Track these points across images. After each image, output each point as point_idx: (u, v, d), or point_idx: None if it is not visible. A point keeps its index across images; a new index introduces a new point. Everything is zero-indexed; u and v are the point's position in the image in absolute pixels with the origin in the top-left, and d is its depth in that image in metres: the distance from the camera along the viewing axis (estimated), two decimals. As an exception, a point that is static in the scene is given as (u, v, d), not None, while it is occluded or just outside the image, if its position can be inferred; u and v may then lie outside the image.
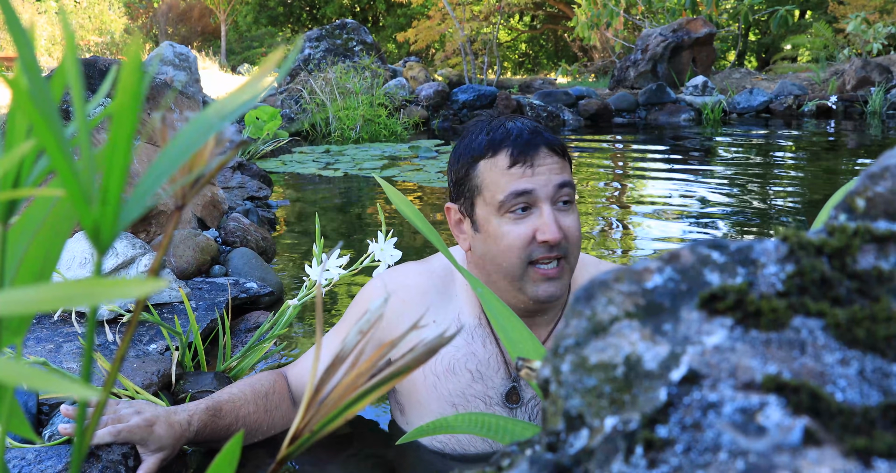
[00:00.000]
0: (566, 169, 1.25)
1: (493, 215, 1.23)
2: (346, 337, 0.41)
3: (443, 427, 0.84)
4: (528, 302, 1.25)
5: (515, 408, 1.29)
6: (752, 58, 19.80)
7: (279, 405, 1.38)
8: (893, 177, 0.42)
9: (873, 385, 0.34)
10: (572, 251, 1.24)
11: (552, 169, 1.22)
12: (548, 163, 1.22)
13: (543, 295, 1.23)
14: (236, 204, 3.29)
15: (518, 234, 1.21)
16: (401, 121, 7.40)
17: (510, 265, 1.22)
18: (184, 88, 5.90)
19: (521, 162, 1.20)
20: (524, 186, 1.20)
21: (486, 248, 1.25)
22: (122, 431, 1.17)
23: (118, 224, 0.31)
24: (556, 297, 1.24)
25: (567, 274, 1.25)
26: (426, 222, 0.95)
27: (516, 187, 1.20)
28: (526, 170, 1.20)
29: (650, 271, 0.41)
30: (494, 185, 1.22)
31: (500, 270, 1.24)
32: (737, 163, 5.49)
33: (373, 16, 23.71)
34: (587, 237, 3.21)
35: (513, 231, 1.21)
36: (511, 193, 1.20)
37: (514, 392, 1.30)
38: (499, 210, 1.22)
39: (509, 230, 1.21)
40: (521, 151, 1.21)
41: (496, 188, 1.22)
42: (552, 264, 1.22)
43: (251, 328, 2.00)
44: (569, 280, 1.26)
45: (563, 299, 1.30)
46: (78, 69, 0.31)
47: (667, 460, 0.33)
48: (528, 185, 1.20)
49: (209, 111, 0.34)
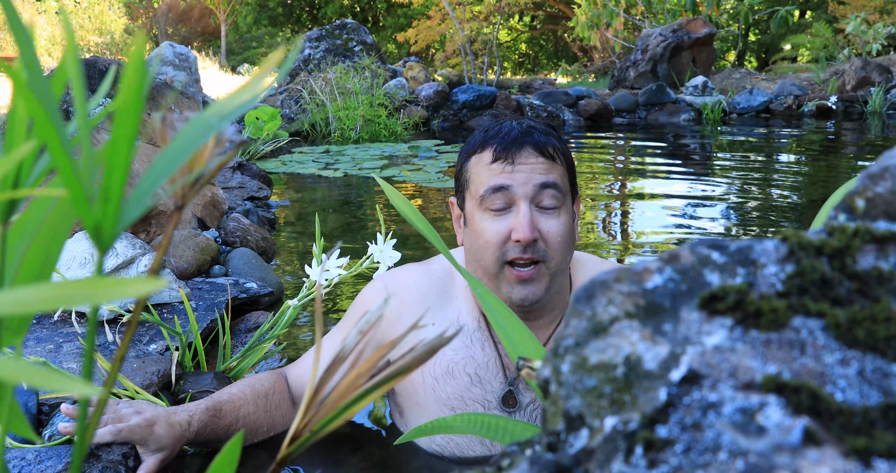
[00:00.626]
0: (554, 171, 1.23)
1: (477, 210, 1.24)
2: (345, 338, 0.41)
3: (441, 427, 0.84)
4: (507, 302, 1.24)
5: (513, 412, 1.29)
6: (752, 58, 19.81)
7: (279, 405, 1.38)
8: (893, 177, 0.42)
9: (873, 386, 0.34)
10: (553, 256, 1.22)
11: (535, 169, 1.22)
12: (531, 162, 1.22)
13: (517, 298, 1.22)
14: (236, 204, 3.29)
15: (495, 230, 1.21)
16: (401, 121, 7.40)
17: (487, 263, 1.23)
18: (184, 89, 5.91)
19: (503, 158, 1.22)
20: (501, 181, 1.21)
21: (470, 243, 1.27)
22: (123, 430, 1.17)
23: (119, 224, 0.31)
24: (531, 301, 1.23)
25: (545, 278, 1.23)
26: (426, 223, 0.95)
27: (494, 183, 1.21)
28: (506, 166, 1.21)
29: (650, 272, 0.41)
30: (478, 179, 1.24)
31: (481, 267, 1.25)
32: (737, 163, 5.49)
33: (373, 16, 23.72)
34: (586, 238, 3.21)
35: (490, 227, 1.22)
36: (489, 187, 1.21)
37: (510, 396, 1.29)
38: (480, 205, 1.23)
39: (487, 226, 1.22)
40: (504, 147, 1.22)
41: (479, 182, 1.24)
42: (529, 267, 1.21)
43: (251, 329, 2.00)
44: (549, 285, 1.24)
45: (554, 301, 1.30)
46: (79, 67, 0.31)
47: (667, 460, 0.33)
48: (505, 181, 1.21)
49: (209, 112, 0.34)
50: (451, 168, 5.07)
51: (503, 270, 1.22)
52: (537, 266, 1.22)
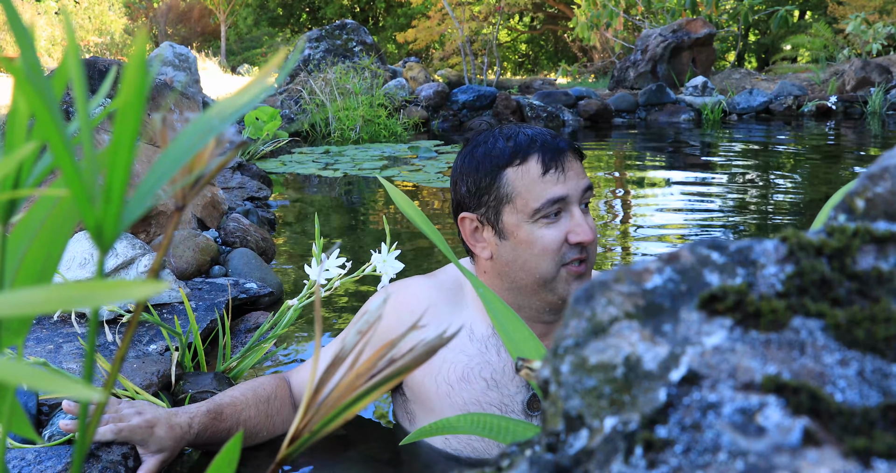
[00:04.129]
0: (585, 173, 1.29)
1: (525, 222, 1.24)
2: (345, 337, 0.41)
3: (446, 427, 0.85)
4: (558, 303, 1.28)
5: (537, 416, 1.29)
6: (752, 58, 19.81)
7: (280, 410, 1.38)
8: (893, 177, 0.42)
9: (873, 386, 0.34)
10: (593, 251, 1.28)
11: (578, 173, 1.25)
12: (575, 168, 1.25)
13: None
14: (236, 205, 3.29)
15: (553, 238, 1.23)
16: (400, 121, 7.40)
17: (545, 269, 1.24)
18: (183, 89, 5.90)
19: (554, 168, 1.22)
20: (560, 192, 1.22)
21: (515, 254, 1.26)
22: (124, 430, 1.18)
23: (121, 223, 0.31)
24: None
25: (590, 273, 1.29)
26: (430, 224, 0.95)
27: (553, 194, 1.22)
28: (559, 176, 1.23)
29: (650, 272, 0.41)
30: (528, 192, 1.22)
31: (533, 274, 1.25)
32: (736, 163, 5.49)
33: (373, 16, 23.71)
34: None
35: (547, 235, 1.23)
36: (548, 200, 1.22)
37: (535, 400, 1.30)
38: (532, 216, 1.23)
39: (543, 235, 1.23)
40: (551, 157, 1.23)
41: (530, 196, 1.22)
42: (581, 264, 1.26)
43: (251, 329, 2.00)
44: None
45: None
46: (80, 65, 0.31)
47: (666, 460, 0.33)
48: (563, 191, 1.22)
49: (209, 113, 0.34)
50: (451, 169, 5.06)
51: (560, 272, 1.25)
52: (585, 263, 1.27)
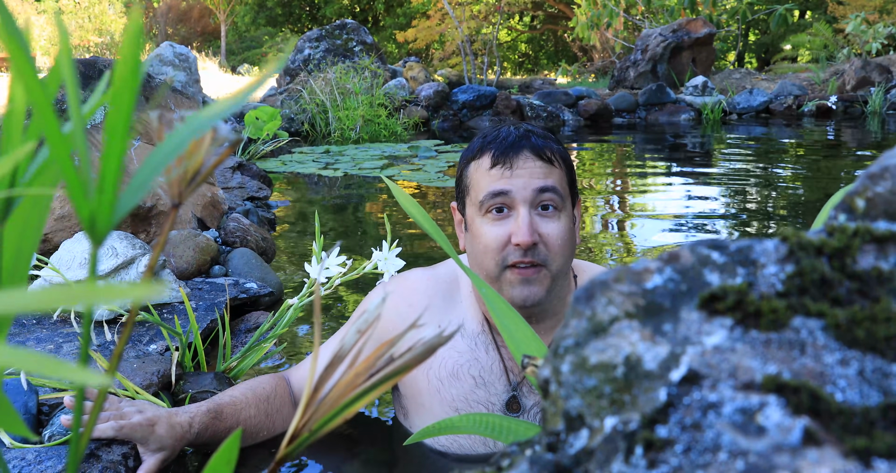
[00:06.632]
0: (553, 175, 1.24)
1: (477, 215, 1.25)
2: (344, 335, 0.41)
3: (448, 427, 0.85)
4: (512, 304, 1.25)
5: (517, 416, 1.29)
6: (752, 58, 19.81)
7: (280, 409, 1.38)
8: (893, 177, 0.42)
9: (873, 386, 0.34)
10: (553, 259, 1.23)
11: (533, 173, 1.23)
12: (529, 166, 1.23)
13: (518, 298, 1.22)
14: (236, 204, 3.29)
15: (495, 235, 1.22)
16: (401, 121, 7.40)
17: (488, 267, 1.24)
18: (183, 89, 5.90)
19: (501, 164, 1.23)
20: (501, 187, 1.22)
21: (471, 248, 1.28)
22: (124, 427, 1.18)
23: (114, 214, 0.31)
24: (533, 301, 1.23)
25: (547, 280, 1.23)
26: (433, 224, 0.95)
27: (493, 188, 1.22)
28: (504, 171, 1.23)
29: (650, 272, 0.41)
30: (477, 185, 1.25)
31: (482, 271, 1.25)
32: (736, 163, 5.49)
33: (373, 16, 23.71)
34: (586, 238, 3.21)
35: (490, 232, 1.23)
36: (489, 193, 1.23)
37: (514, 401, 1.30)
38: (480, 210, 1.24)
39: (487, 231, 1.23)
40: (502, 152, 1.23)
41: (478, 188, 1.25)
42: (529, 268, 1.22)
43: (251, 329, 2.00)
44: (550, 287, 1.24)
45: (556, 306, 1.30)
46: (71, 61, 0.31)
47: (667, 460, 0.33)
48: (504, 186, 1.22)
49: (204, 111, 0.34)
50: (451, 168, 5.07)
51: (504, 273, 1.23)
52: (538, 268, 1.22)
